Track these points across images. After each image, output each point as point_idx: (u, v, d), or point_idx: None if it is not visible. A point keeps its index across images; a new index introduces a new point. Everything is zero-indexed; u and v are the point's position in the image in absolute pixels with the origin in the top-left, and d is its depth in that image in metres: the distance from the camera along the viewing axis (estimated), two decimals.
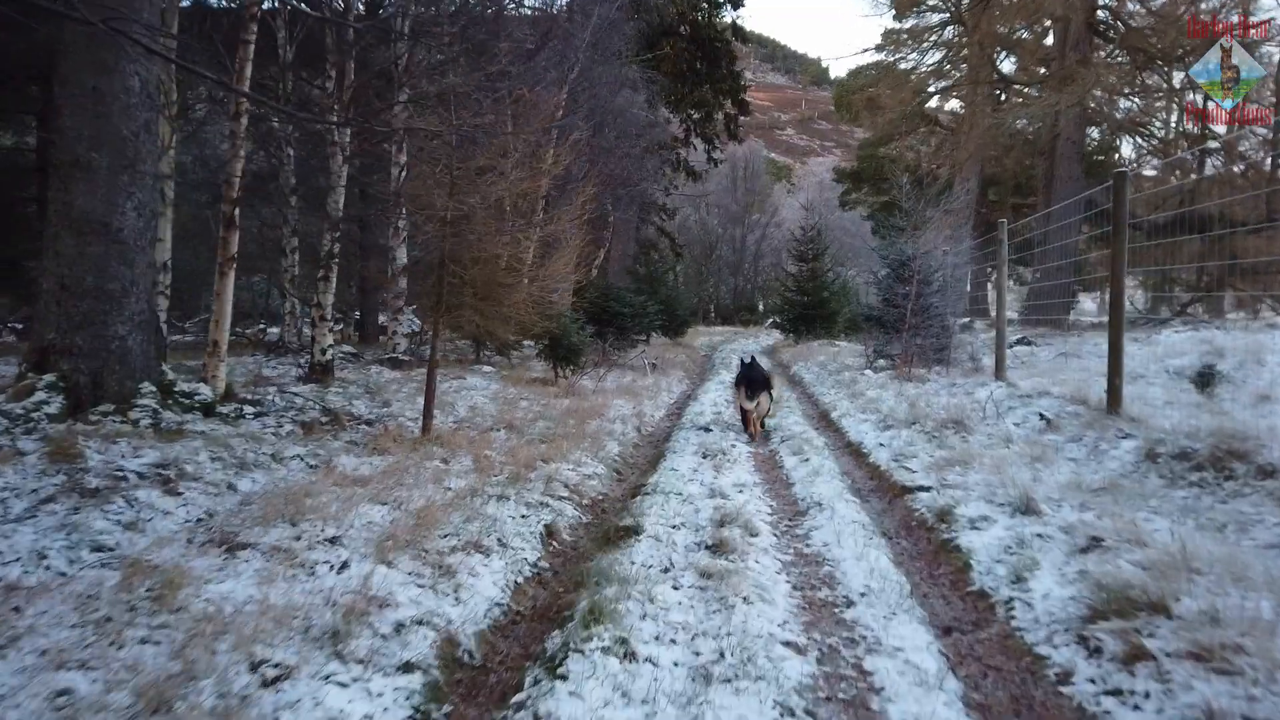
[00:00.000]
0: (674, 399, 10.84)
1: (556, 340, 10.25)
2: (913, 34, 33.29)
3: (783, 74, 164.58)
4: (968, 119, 32.24)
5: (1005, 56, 29.92)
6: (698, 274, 46.71)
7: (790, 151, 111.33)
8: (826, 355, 16.71)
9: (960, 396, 9.15)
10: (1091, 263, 22.75)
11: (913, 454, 5.97)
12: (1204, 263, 18.49)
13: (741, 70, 29.79)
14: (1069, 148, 21.02)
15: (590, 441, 6.53)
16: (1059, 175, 21.18)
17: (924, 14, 32.35)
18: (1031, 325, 20.08)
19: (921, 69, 33.15)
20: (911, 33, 33.24)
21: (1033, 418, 6.98)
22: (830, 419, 8.71)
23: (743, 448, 6.72)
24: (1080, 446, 5.66)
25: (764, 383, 7.54)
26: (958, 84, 33.23)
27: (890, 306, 12.14)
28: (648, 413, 8.96)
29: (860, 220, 49.72)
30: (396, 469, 4.99)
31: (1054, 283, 20.08)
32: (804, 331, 21.94)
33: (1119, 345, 6.28)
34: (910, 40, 33.22)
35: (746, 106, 30.07)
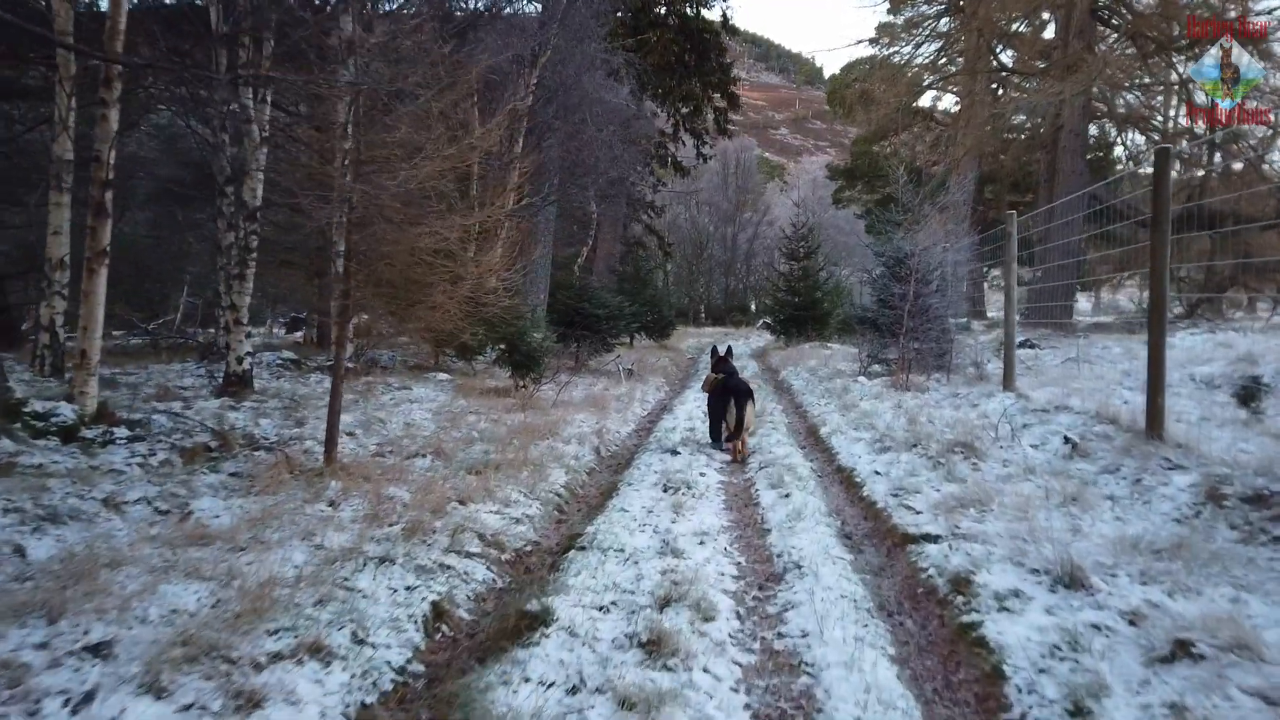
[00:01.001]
0: (647, 411, 9.81)
1: (514, 345, 9.20)
2: (907, 26, 32.34)
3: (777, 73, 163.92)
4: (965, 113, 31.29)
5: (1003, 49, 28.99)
6: (688, 273, 45.69)
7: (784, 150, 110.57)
8: (818, 359, 15.69)
9: (965, 410, 8.13)
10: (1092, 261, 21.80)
11: (915, 487, 4.94)
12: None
13: (732, 64, 28.80)
14: (1072, 140, 20.05)
15: (532, 471, 5.49)
16: (1062, 169, 20.20)
17: (919, 5, 31.42)
18: (1031, 326, 19.06)
19: (916, 62, 32.19)
20: (906, 25, 32.29)
21: (1054, 439, 5.96)
22: (819, 436, 7.68)
23: (713, 476, 5.69)
24: (1119, 481, 4.63)
25: (746, 392, 6.53)
26: (954, 77, 32.29)
27: (886, 308, 11.13)
28: (612, 429, 7.92)
29: (854, 218, 48.79)
30: (269, 515, 3.94)
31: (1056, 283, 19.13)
32: (795, 333, 20.93)
33: (1160, 356, 5.26)
34: (904, 33, 32.26)
35: (737, 101, 29.02)
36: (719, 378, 6.82)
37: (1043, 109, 17.87)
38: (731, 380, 6.65)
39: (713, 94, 27.89)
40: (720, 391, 6.62)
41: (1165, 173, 5.16)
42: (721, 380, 6.75)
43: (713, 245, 46.28)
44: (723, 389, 6.60)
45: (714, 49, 27.16)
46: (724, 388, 6.60)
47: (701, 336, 29.45)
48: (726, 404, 6.45)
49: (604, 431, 7.61)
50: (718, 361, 7.19)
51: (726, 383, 6.63)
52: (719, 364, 7.13)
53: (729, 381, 6.64)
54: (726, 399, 6.46)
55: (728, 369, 7.03)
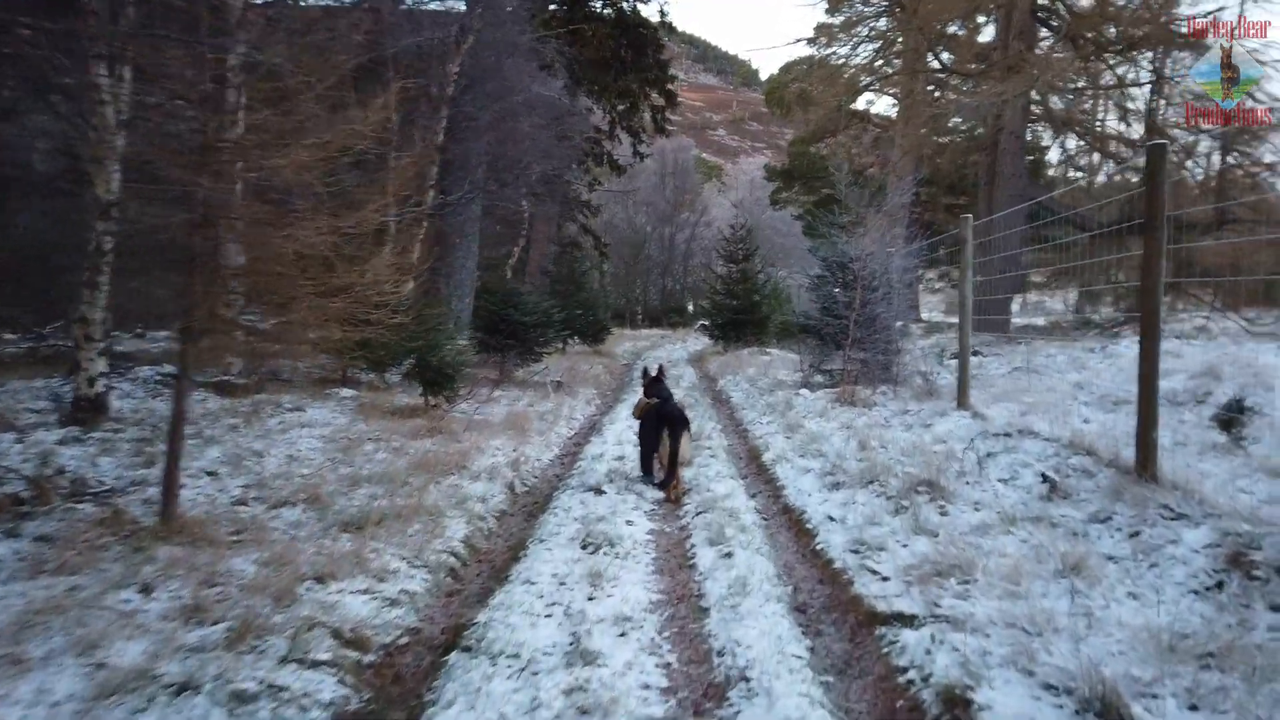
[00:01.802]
0: (574, 431, 8.93)
1: (425, 360, 8.23)
2: (845, 27, 32.07)
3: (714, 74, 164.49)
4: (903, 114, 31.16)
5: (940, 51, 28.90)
6: (625, 274, 44.90)
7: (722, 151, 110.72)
8: (757, 367, 15.02)
9: (918, 431, 7.46)
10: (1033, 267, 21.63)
11: (879, 541, 4.18)
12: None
13: (669, 61, 28.12)
14: (1012, 143, 19.81)
15: (426, 523, 4.57)
16: (1002, 172, 19.95)
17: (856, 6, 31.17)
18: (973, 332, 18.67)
19: (854, 63, 31.92)
20: (844, 25, 32.01)
21: (1025, 473, 5.28)
22: (762, 463, 6.91)
23: (642, 524, 4.84)
24: (1114, 534, 3.94)
25: (682, 421, 5.72)
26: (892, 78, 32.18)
27: (830, 316, 10.46)
28: (532, 457, 7.03)
29: (791, 220, 48.64)
30: (52, 610, 2.97)
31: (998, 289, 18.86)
32: (733, 338, 20.27)
33: (1153, 387, 4.61)
34: (842, 34, 31.97)
35: (674, 99, 28.34)
36: (652, 403, 5.97)
37: (984, 110, 17.53)
38: (666, 406, 5.80)
39: (650, 91, 27.19)
40: (653, 419, 5.76)
41: (1161, 172, 4.51)
42: (655, 406, 5.89)
43: (650, 246, 45.57)
44: (656, 416, 5.75)
45: (651, 45, 26.45)
46: (657, 415, 5.75)
47: (638, 340, 28.66)
48: (660, 434, 5.61)
49: (521, 461, 6.71)
50: (650, 383, 6.34)
51: (660, 409, 5.78)
52: (651, 385, 6.28)
53: (663, 408, 5.79)
54: (660, 428, 5.62)
55: (662, 392, 6.20)
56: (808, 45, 33.59)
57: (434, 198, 12.34)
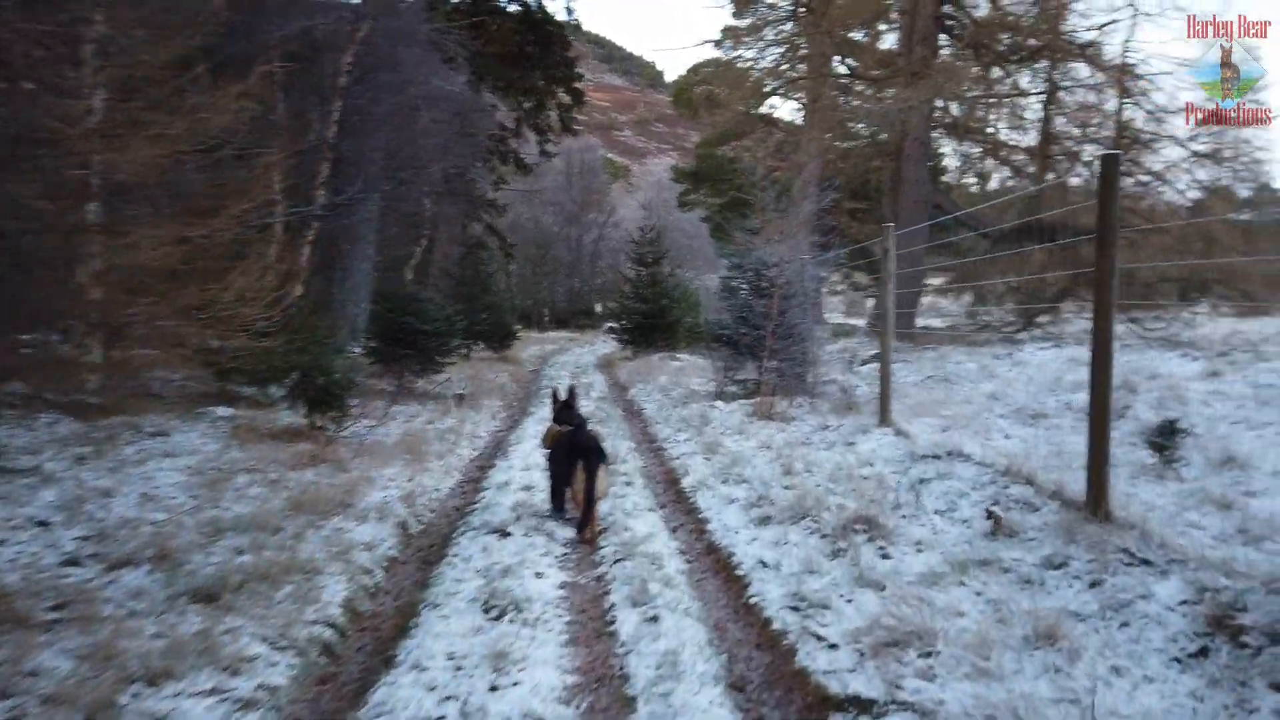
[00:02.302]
0: (477, 452, 8.27)
1: (309, 376, 7.43)
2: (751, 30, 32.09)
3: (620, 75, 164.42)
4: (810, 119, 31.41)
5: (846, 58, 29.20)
6: (532, 275, 43.99)
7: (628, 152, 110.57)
8: (669, 375, 14.60)
9: (841, 451, 7.13)
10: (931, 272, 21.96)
11: (821, 597, 3.73)
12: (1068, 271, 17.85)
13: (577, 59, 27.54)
14: (916, 149, 20.02)
15: (299, 583, 3.90)
16: (906, 178, 20.15)
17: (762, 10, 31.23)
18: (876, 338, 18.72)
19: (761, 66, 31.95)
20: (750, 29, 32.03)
21: (963, 505, 4.96)
22: (682, 491, 6.42)
23: (553, 577, 4.26)
24: (1075, 584, 3.60)
25: (598, 451, 5.13)
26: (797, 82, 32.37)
27: (745, 325, 10.08)
28: (430, 488, 6.36)
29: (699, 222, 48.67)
30: None
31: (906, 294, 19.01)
32: (643, 342, 19.83)
33: (1105, 418, 4.30)
34: (749, 36, 31.97)
35: (581, 97, 27.80)
36: (563, 430, 5.38)
37: (892, 116, 17.59)
38: (579, 435, 5.21)
39: (556, 89, 26.60)
40: (565, 449, 5.17)
41: (1113, 183, 4.21)
42: (567, 435, 5.31)
43: (557, 246, 44.79)
44: (568, 446, 5.16)
45: (558, 42, 25.84)
46: (570, 444, 5.16)
47: (545, 343, 27.94)
48: (573, 466, 5.03)
49: (417, 494, 6.03)
50: (561, 408, 5.77)
51: (574, 438, 5.19)
52: (562, 411, 5.73)
53: (576, 436, 5.19)
54: (573, 460, 5.04)
55: (574, 418, 5.68)
56: (715, 48, 33.48)
57: (325, 196, 11.43)
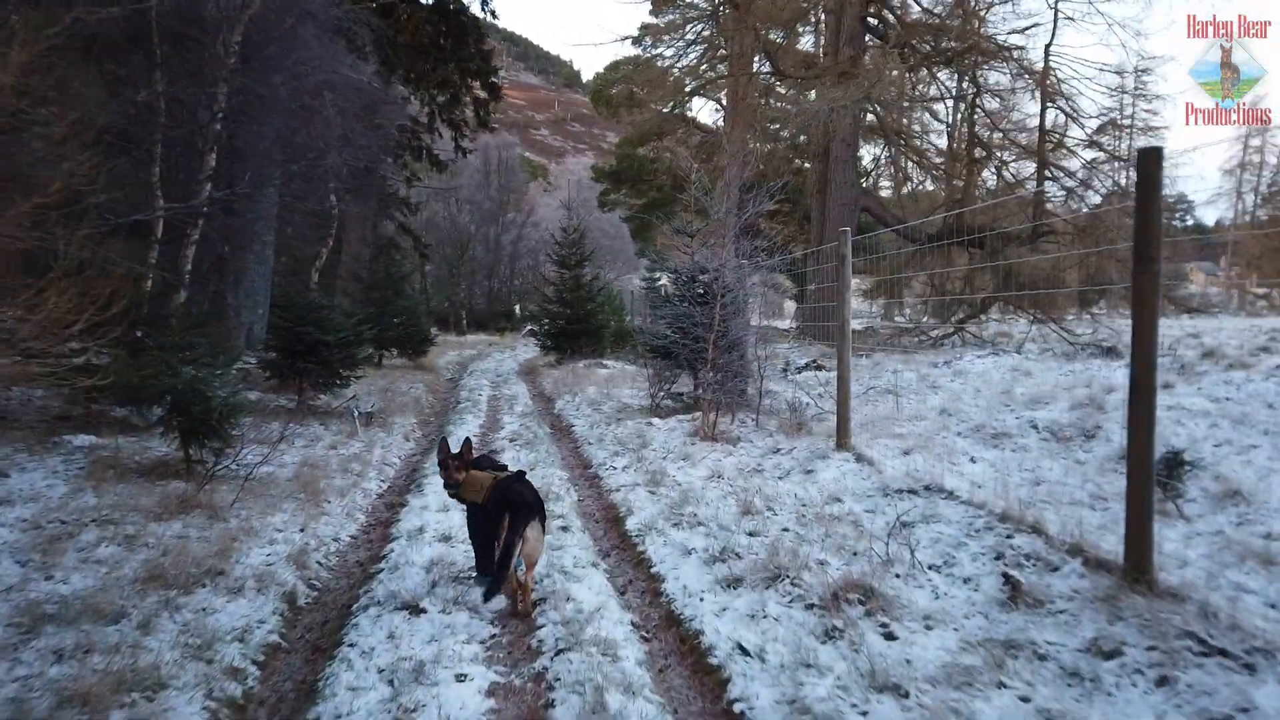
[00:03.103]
0: (387, 485, 7.22)
1: (184, 402, 6.25)
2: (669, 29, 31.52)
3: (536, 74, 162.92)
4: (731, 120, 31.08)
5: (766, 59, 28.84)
6: (449, 276, 42.44)
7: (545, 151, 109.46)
8: (597, 384, 13.72)
9: (799, 480, 6.40)
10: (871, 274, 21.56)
11: (827, 709, 2.90)
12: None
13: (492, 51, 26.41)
14: (844, 151, 19.66)
15: (133, 706, 2.88)
16: (834, 180, 19.77)
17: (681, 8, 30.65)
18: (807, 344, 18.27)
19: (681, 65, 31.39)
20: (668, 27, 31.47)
21: (963, 558, 4.24)
22: (626, 533, 5.55)
23: (479, 679, 3.30)
24: (1136, 680, 2.88)
25: (534, 507, 4.12)
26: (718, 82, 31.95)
27: (685, 336, 9.28)
28: (327, 539, 5.34)
29: (620, 222, 47.93)
30: None
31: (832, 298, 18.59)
32: (567, 349, 18.90)
33: (1148, 463, 3.60)
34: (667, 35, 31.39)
35: (498, 91, 26.66)
36: (489, 478, 4.34)
37: (823, 114, 17.09)
38: (513, 489, 4.15)
39: (472, 82, 25.39)
40: (495, 504, 4.19)
41: (1156, 184, 3.52)
42: (497, 484, 4.23)
43: (475, 246, 43.35)
44: (499, 501, 4.13)
45: (473, 34, 24.68)
46: (501, 499, 4.13)
47: (464, 348, 26.67)
48: (500, 524, 4.07)
49: (311, 550, 5.01)
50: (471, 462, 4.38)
51: (505, 492, 4.15)
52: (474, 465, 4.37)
53: (508, 491, 4.15)
54: (500, 517, 4.09)
55: (492, 464, 4.48)
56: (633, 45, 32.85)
57: (211, 191, 10.13)
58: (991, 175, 20.30)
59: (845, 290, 7.05)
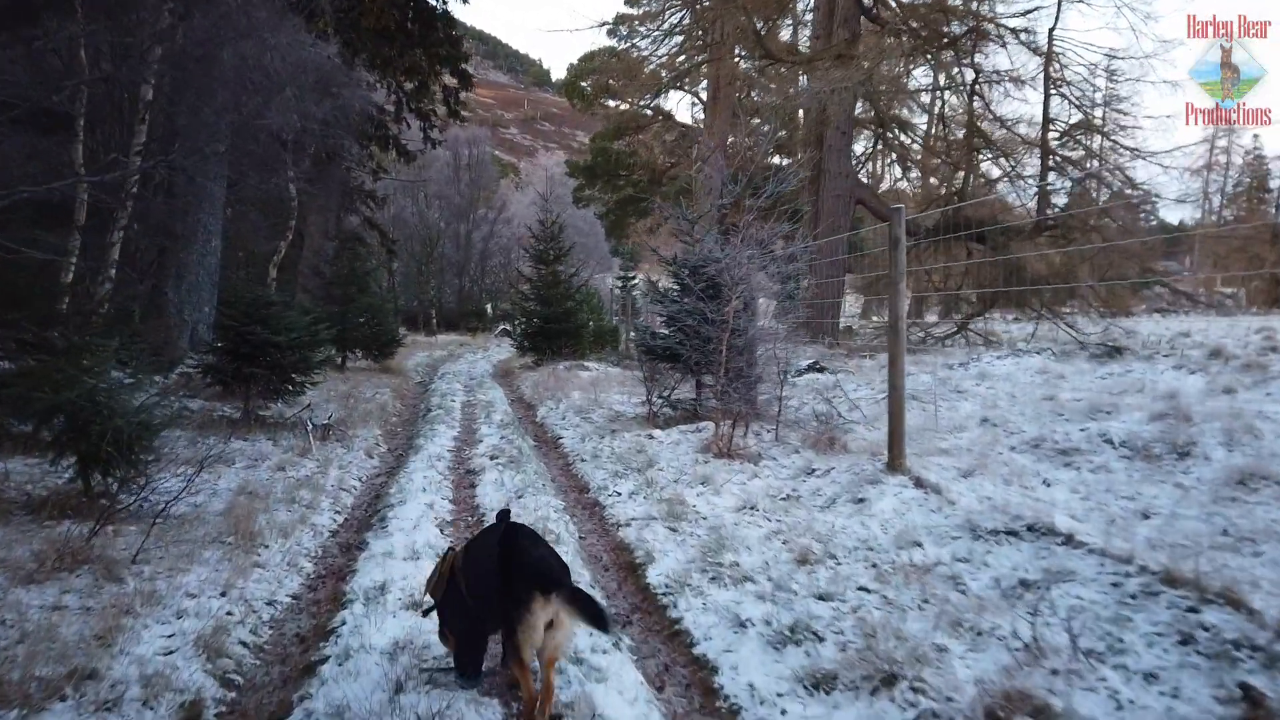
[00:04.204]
0: (342, 519, 5.92)
1: (83, 419, 4.90)
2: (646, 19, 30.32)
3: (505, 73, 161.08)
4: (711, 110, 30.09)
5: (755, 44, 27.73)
6: (418, 274, 40.86)
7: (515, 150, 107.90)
8: (582, 389, 12.47)
9: (854, 515, 5.23)
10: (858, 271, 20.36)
11: None
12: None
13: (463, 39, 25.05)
14: (838, 139, 18.58)
15: None
16: (828, 170, 18.67)
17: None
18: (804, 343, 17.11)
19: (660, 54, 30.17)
20: (645, 17, 30.27)
21: (1135, 642, 3.09)
22: (652, 594, 4.31)
23: None
24: None
25: (555, 577, 2.79)
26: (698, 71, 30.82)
27: (694, 338, 8.07)
28: (259, 604, 4.05)
29: (592, 219, 46.59)
30: None
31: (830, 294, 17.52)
32: (545, 349, 17.61)
33: None
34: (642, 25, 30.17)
35: (469, 80, 25.27)
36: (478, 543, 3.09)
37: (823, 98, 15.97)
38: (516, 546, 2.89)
39: (441, 70, 23.97)
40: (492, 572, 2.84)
41: None
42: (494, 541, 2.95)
43: (444, 243, 41.81)
44: (499, 564, 2.84)
45: (442, 19, 23.31)
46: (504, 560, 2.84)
47: (434, 349, 25.23)
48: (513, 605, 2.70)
49: (230, 626, 3.71)
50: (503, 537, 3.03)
51: (509, 547, 2.89)
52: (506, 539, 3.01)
53: (511, 548, 2.89)
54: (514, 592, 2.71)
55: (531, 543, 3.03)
56: (608, 36, 31.57)
57: (141, 166, 8.72)
58: (992, 166, 19.33)
59: (899, 280, 5.87)
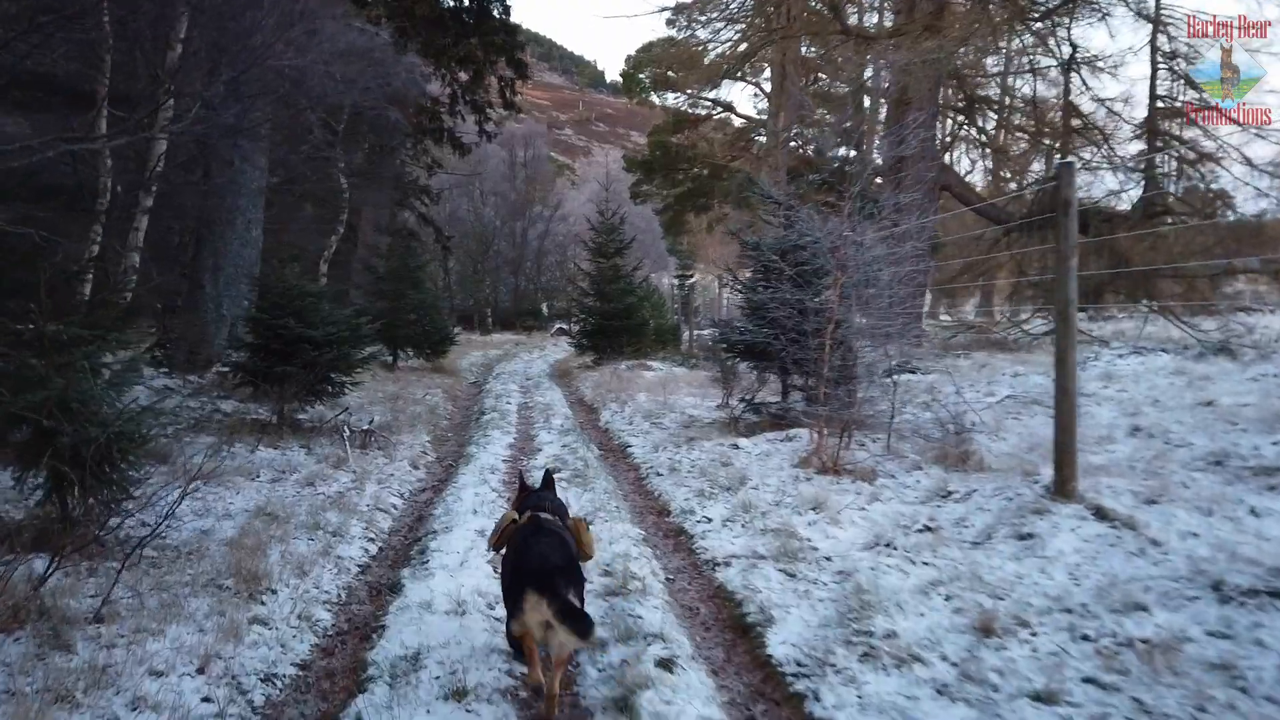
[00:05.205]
0: (376, 550, 4.86)
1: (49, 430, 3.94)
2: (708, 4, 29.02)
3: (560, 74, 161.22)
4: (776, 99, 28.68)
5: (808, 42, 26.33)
6: (473, 273, 40.21)
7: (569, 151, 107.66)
8: (648, 390, 11.36)
9: (1015, 552, 4.07)
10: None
11: None
12: None
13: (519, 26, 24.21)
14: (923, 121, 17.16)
15: None
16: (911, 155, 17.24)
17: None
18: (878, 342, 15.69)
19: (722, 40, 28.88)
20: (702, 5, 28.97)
21: None
22: (775, 667, 3.15)
23: None
24: None
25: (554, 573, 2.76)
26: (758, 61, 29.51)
27: (785, 333, 6.86)
28: (249, 675, 3.00)
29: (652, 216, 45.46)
30: None
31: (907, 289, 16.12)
32: (606, 348, 16.52)
33: None
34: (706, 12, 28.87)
35: (525, 70, 24.37)
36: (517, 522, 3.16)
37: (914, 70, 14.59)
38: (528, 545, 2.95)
39: (496, 59, 23.10)
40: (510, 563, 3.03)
41: None
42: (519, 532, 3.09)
43: (499, 241, 41.09)
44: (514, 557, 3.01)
45: (497, 5, 22.45)
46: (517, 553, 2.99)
47: (488, 348, 24.34)
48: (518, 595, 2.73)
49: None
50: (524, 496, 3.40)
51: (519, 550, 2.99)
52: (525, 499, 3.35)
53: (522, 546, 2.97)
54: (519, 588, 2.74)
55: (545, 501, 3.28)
56: (667, 25, 30.42)
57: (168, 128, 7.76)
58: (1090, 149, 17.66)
59: (1071, 255, 4.61)
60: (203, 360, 10.22)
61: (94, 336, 4.13)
